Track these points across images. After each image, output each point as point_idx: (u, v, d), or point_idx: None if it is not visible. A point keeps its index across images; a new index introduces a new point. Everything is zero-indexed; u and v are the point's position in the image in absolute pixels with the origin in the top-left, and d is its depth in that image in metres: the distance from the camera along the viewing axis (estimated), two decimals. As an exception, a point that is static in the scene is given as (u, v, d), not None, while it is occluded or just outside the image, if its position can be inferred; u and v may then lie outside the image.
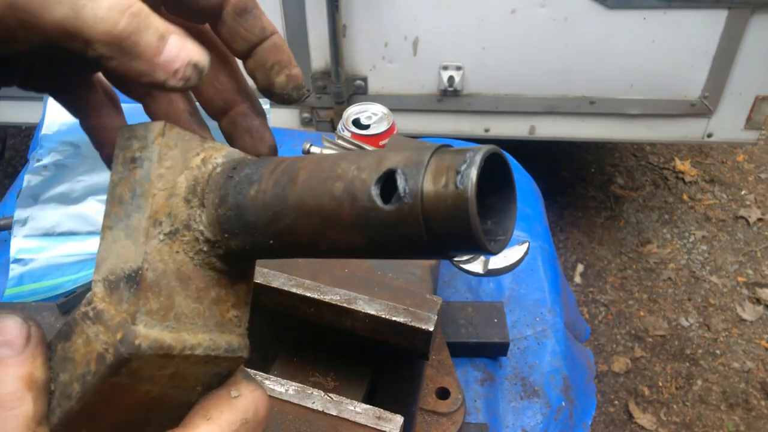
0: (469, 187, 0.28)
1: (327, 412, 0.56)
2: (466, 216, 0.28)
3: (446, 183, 0.29)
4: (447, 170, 0.29)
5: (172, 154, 0.35)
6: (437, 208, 0.29)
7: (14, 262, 1.07)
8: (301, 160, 0.34)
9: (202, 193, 0.35)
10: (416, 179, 0.30)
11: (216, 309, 0.36)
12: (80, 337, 0.33)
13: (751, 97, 2.01)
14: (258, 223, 0.34)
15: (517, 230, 1.09)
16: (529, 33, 1.91)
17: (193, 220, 0.35)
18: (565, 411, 0.88)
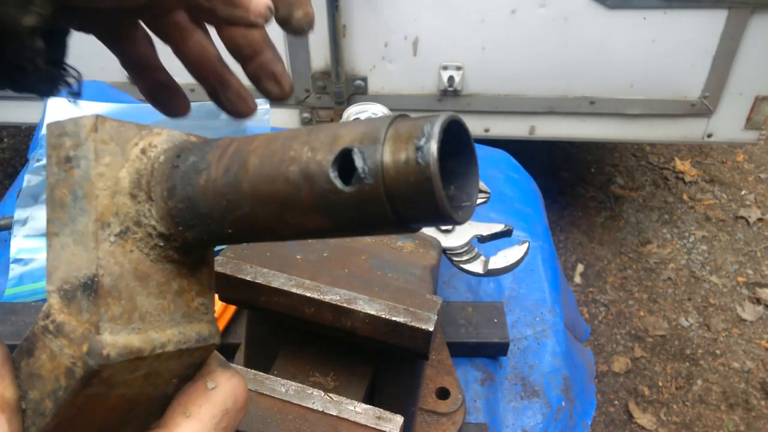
0: (431, 162, 0.27)
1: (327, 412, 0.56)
2: (431, 191, 0.27)
3: (407, 159, 0.28)
4: (406, 144, 0.28)
5: (110, 149, 0.33)
6: (400, 185, 0.28)
7: (14, 262, 1.07)
8: (248, 142, 0.33)
9: (147, 186, 0.34)
10: (375, 158, 0.28)
11: (180, 300, 0.35)
12: (44, 353, 0.31)
13: (751, 97, 2.01)
14: (213, 213, 0.33)
15: (516, 230, 1.09)
16: (529, 33, 1.91)
17: (143, 215, 0.33)
18: (565, 411, 0.88)
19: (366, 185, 0.28)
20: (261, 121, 1.29)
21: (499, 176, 1.23)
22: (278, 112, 2.12)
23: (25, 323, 0.91)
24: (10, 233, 1.10)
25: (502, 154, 1.31)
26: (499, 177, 1.23)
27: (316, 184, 0.30)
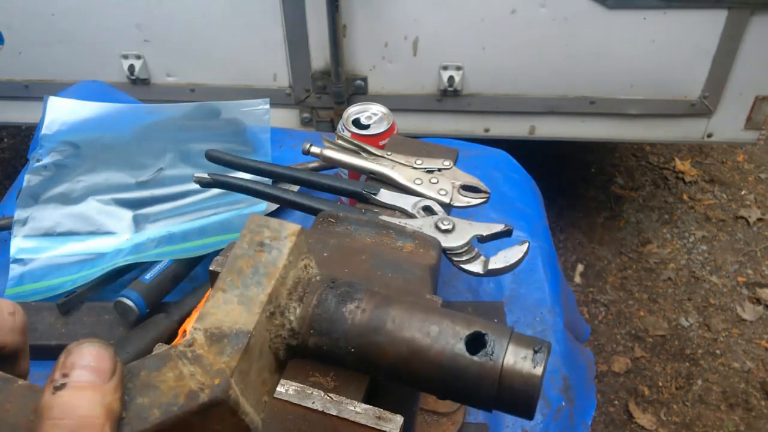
0: (541, 369, 0.37)
1: (327, 412, 0.56)
2: (533, 391, 0.37)
3: (525, 356, 0.38)
4: (526, 348, 0.38)
5: (294, 253, 0.43)
6: (512, 373, 0.37)
7: (14, 262, 1.07)
8: (391, 304, 0.44)
9: (302, 291, 0.44)
10: (502, 344, 0.38)
11: (261, 389, 0.41)
12: (172, 371, 0.36)
13: (751, 97, 2.01)
14: (349, 332, 0.42)
15: (517, 230, 1.09)
16: (529, 33, 1.91)
17: (288, 310, 0.42)
18: (565, 411, 0.88)
19: (489, 361, 0.38)
20: (261, 121, 1.29)
21: (499, 176, 1.23)
22: (278, 112, 2.12)
23: (25, 323, 0.91)
24: (10, 233, 1.10)
25: (502, 154, 1.31)
26: (499, 177, 1.23)
27: (448, 345, 0.39)
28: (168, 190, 1.18)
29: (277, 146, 1.30)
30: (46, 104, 1.30)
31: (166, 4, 1.93)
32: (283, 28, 1.94)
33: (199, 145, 1.24)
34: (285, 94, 2.09)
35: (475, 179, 0.87)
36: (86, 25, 2.00)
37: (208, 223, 1.11)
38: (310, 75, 2.04)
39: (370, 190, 0.84)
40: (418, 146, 0.94)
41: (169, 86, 2.10)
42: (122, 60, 2.05)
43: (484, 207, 1.09)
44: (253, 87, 2.08)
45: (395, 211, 0.82)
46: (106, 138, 1.25)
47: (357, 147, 0.91)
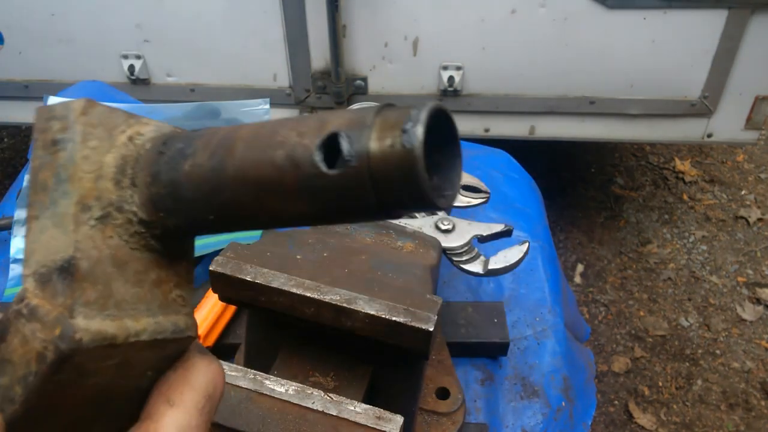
0: (416, 146, 0.27)
1: (327, 412, 0.56)
2: (415, 175, 0.28)
3: (392, 143, 0.28)
4: (392, 129, 0.28)
5: (97, 133, 0.33)
6: (384, 169, 0.28)
7: (14, 262, 1.07)
8: (236, 130, 0.33)
9: (132, 172, 0.34)
10: (361, 141, 0.28)
11: (158, 291, 0.34)
12: (16, 337, 0.31)
13: (751, 97, 2.01)
14: (195, 199, 0.33)
15: (517, 230, 1.09)
16: (529, 33, 1.91)
17: (125, 201, 0.33)
18: (565, 411, 0.88)
19: (350, 168, 0.29)
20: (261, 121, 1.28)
21: (499, 176, 1.23)
22: (278, 112, 2.12)
23: (25, 323, 0.91)
24: (10, 233, 1.10)
25: (502, 154, 1.31)
26: (499, 177, 1.23)
27: (302, 167, 0.30)
28: (168, 190, 1.18)
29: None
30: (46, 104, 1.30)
31: (166, 4, 1.93)
32: (283, 28, 1.94)
33: (199, 145, 1.23)
34: (285, 94, 2.09)
35: (475, 179, 0.87)
36: (86, 25, 2.00)
37: (208, 223, 1.11)
38: (310, 75, 2.04)
39: (370, 190, 0.84)
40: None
41: (169, 86, 2.10)
42: (122, 60, 2.05)
43: (484, 207, 1.09)
44: (253, 87, 2.08)
45: (395, 211, 0.82)
46: (106, 138, 1.25)
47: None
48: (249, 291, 0.63)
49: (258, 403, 0.57)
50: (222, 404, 0.54)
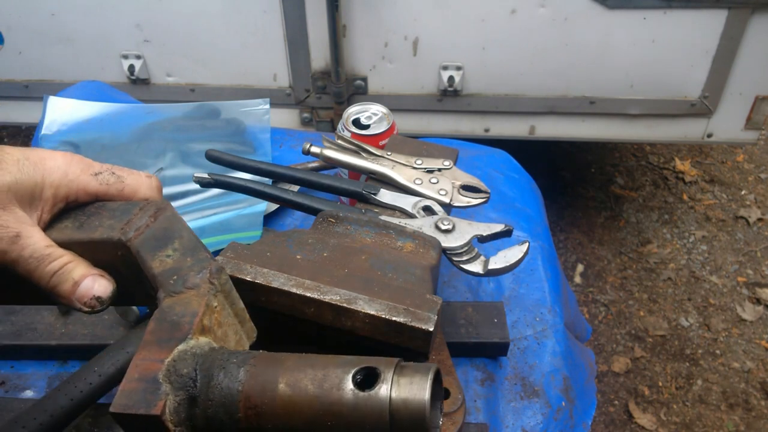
0: (426, 399, 0.37)
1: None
2: (423, 417, 0.37)
3: (411, 384, 0.38)
4: (411, 377, 0.38)
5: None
6: (399, 404, 0.37)
7: (14, 262, 1.07)
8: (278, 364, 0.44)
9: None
10: (387, 377, 0.38)
11: None
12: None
13: (751, 97, 2.01)
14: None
15: (517, 230, 1.09)
16: (529, 33, 1.91)
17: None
18: (565, 411, 0.88)
19: (378, 394, 0.38)
20: (261, 121, 1.29)
21: (499, 176, 1.23)
22: (278, 112, 2.12)
23: (25, 323, 0.91)
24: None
25: (502, 154, 1.31)
26: (499, 177, 1.23)
27: (335, 390, 0.39)
28: (168, 190, 1.18)
29: (277, 146, 1.30)
30: (46, 104, 1.30)
31: (166, 4, 1.93)
32: (283, 28, 1.94)
33: (199, 145, 1.24)
34: (285, 94, 2.09)
35: (475, 179, 0.87)
36: (86, 25, 2.00)
37: (208, 223, 1.11)
38: (310, 75, 2.04)
39: (370, 190, 0.84)
40: (418, 146, 0.94)
41: (169, 86, 2.10)
42: (122, 60, 2.05)
43: (484, 207, 1.09)
44: (253, 87, 2.08)
45: (395, 211, 0.82)
46: (105, 138, 1.25)
47: (357, 147, 0.91)
48: (249, 291, 0.63)
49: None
50: None
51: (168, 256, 0.48)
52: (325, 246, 0.70)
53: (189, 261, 0.48)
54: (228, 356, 0.43)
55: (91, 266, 0.52)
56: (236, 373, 0.42)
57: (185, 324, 0.44)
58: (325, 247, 0.70)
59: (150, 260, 0.48)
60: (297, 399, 0.40)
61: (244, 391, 0.41)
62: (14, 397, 0.86)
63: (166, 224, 0.50)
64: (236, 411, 0.41)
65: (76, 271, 0.50)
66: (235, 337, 0.49)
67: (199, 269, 0.47)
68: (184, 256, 0.48)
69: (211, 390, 0.42)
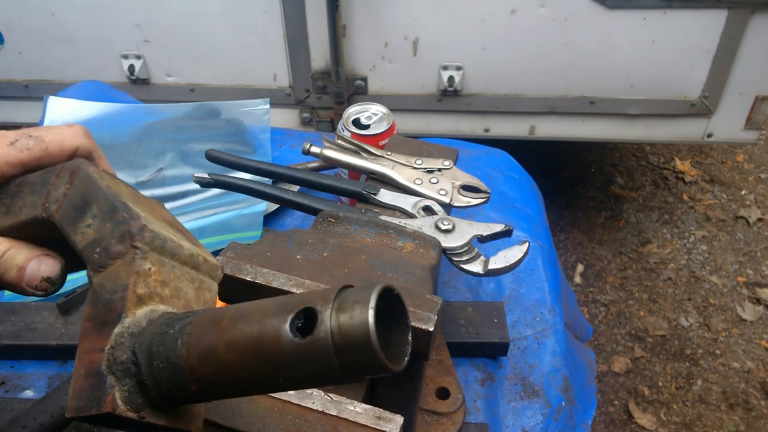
0: (371, 327, 0.34)
1: (327, 412, 0.56)
2: (371, 346, 0.34)
3: (351, 319, 0.35)
4: (351, 309, 0.35)
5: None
6: (345, 340, 0.35)
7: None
8: (223, 310, 0.40)
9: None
10: (326, 315, 0.35)
11: None
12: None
13: (751, 97, 2.01)
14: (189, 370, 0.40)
15: (517, 230, 1.09)
16: (529, 33, 1.91)
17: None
18: (565, 411, 0.88)
19: (318, 338, 0.35)
20: (261, 121, 1.29)
21: (499, 176, 1.23)
22: (278, 112, 2.12)
23: (25, 323, 0.91)
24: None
25: (502, 154, 1.31)
26: (499, 177, 1.23)
27: (274, 339, 0.36)
28: (168, 190, 1.18)
29: (277, 146, 1.30)
30: (46, 104, 1.30)
31: (166, 4, 1.93)
32: (283, 28, 1.94)
33: (199, 145, 1.24)
34: (285, 94, 2.09)
35: (475, 179, 0.87)
36: (86, 25, 2.00)
37: (208, 223, 1.11)
38: (310, 75, 2.04)
39: (370, 190, 0.84)
40: (418, 146, 0.94)
41: (169, 86, 2.10)
42: (122, 60, 2.05)
43: (484, 207, 1.09)
44: (253, 87, 2.08)
45: (395, 211, 0.82)
46: (106, 138, 1.25)
47: (357, 147, 0.91)
48: (249, 291, 0.63)
49: (258, 403, 0.57)
50: (221, 404, 0.54)
51: (88, 225, 0.43)
52: (325, 246, 0.70)
53: (108, 227, 0.42)
54: (165, 326, 0.40)
55: (35, 247, 0.49)
56: (174, 345, 0.39)
57: (117, 301, 0.40)
58: (325, 247, 0.70)
59: (73, 234, 0.44)
60: (240, 363, 0.37)
61: (186, 365, 0.38)
62: (14, 397, 0.86)
63: (82, 188, 0.45)
64: (188, 385, 0.39)
65: (18, 256, 0.48)
66: (194, 285, 0.45)
67: (120, 235, 0.42)
68: (103, 222, 0.43)
69: (156, 371, 0.39)
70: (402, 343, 0.39)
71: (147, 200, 0.50)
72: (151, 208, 0.49)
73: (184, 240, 0.47)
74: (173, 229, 0.48)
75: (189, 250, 0.45)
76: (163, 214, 0.51)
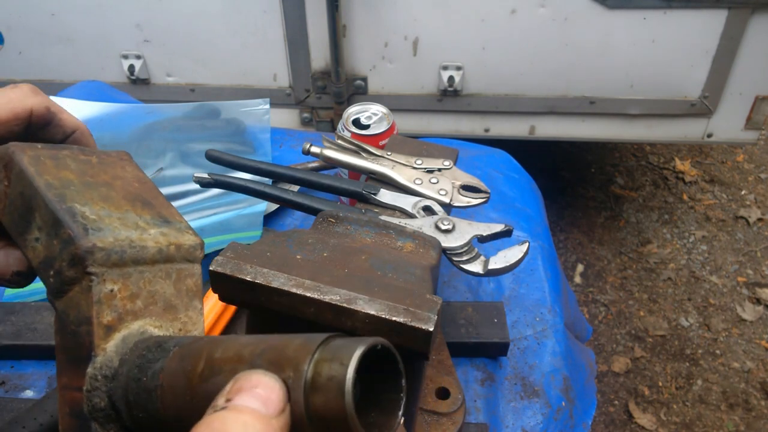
0: (347, 397, 0.28)
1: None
2: (346, 422, 0.28)
3: (326, 401, 0.29)
4: (326, 387, 0.29)
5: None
6: (321, 415, 0.29)
7: (14, 262, 1.07)
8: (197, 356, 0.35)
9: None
10: (297, 394, 0.30)
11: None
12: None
13: (751, 97, 2.01)
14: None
15: (517, 230, 1.09)
16: (529, 33, 1.91)
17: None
18: (565, 411, 0.88)
19: (294, 416, 0.30)
20: (261, 121, 1.29)
21: (499, 176, 1.23)
22: (278, 112, 2.12)
23: (25, 323, 0.91)
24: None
25: (502, 154, 1.31)
26: (499, 177, 1.23)
27: None
28: (168, 190, 1.18)
29: (277, 146, 1.30)
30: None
31: (166, 4, 1.93)
32: (283, 28, 1.94)
33: (199, 145, 1.24)
34: (285, 94, 2.09)
35: (475, 179, 0.87)
36: (86, 25, 2.00)
37: (207, 223, 1.11)
38: (310, 75, 2.04)
39: (370, 190, 0.84)
40: (418, 146, 0.94)
41: (169, 86, 2.10)
42: (122, 60, 2.05)
43: (484, 207, 1.09)
44: (253, 87, 2.08)
45: (395, 211, 0.82)
46: (105, 138, 1.25)
47: (357, 147, 0.91)
48: (249, 291, 0.63)
49: (258, 403, 0.57)
50: None
51: (36, 239, 0.39)
52: (325, 246, 0.70)
53: (56, 245, 0.38)
54: (138, 372, 0.36)
55: (0, 239, 0.45)
56: (150, 398, 0.35)
57: (84, 336, 0.37)
58: (325, 247, 0.70)
59: (23, 248, 0.40)
60: None
61: (165, 417, 0.35)
62: (14, 397, 0.86)
63: (19, 187, 0.40)
64: (163, 423, 0.36)
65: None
66: (170, 279, 0.41)
67: (69, 258, 0.37)
68: (50, 238, 0.38)
69: (137, 419, 0.36)
70: (391, 411, 0.33)
71: (103, 171, 0.44)
72: (109, 184, 0.43)
73: (151, 226, 0.42)
74: (136, 209, 0.42)
75: (155, 248, 0.40)
76: (126, 181, 0.45)
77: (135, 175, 0.46)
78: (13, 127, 0.46)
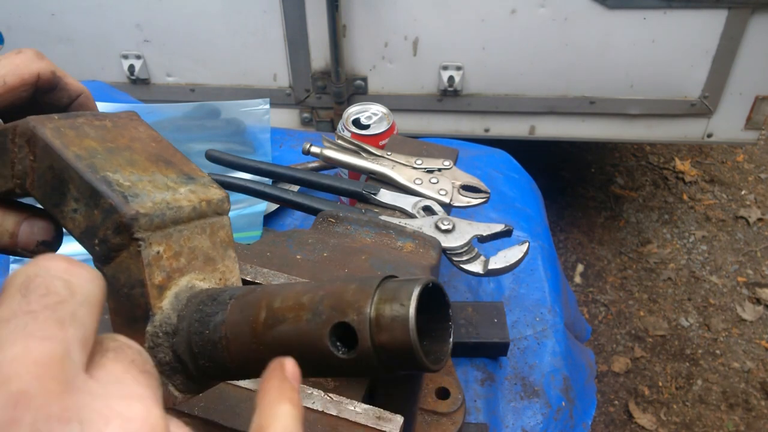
0: (411, 329, 0.33)
1: (327, 412, 0.56)
2: (411, 351, 0.34)
3: (392, 324, 0.34)
4: (391, 307, 0.34)
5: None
6: (387, 347, 0.34)
7: (14, 262, 1.07)
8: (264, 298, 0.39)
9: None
10: (364, 334, 0.34)
11: None
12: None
13: (751, 97, 2.01)
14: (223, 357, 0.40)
15: (517, 230, 1.09)
16: (529, 33, 1.91)
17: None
18: (565, 411, 0.88)
19: (362, 355, 0.35)
20: (261, 121, 1.29)
21: (499, 176, 1.23)
22: (278, 112, 2.12)
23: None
24: (10, 233, 1.10)
25: (502, 154, 1.31)
26: (499, 177, 1.23)
27: (317, 351, 0.36)
28: (168, 190, 1.18)
29: (277, 146, 1.30)
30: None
31: (166, 4, 1.93)
32: (283, 28, 1.94)
33: (199, 145, 1.24)
34: (285, 94, 2.09)
35: (475, 179, 0.87)
36: (86, 25, 2.00)
37: (208, 223, 1.11)
38: (310, 75, 2.04)
39: (370, 190, 0.84)
40: (418, 146, 0.94)
41: (169, 86, 2.10)
42: (122, 60, 2.05)
43: (484, 207, 1.09)
44: (253, 87, 2.08)
45: (395, 211, 0.82)
46: (106, 138, 1.25)
47: (357, 147, 0.91)
48: (249, 291, 0.63)
49: (258, 403, 0.57)
50: (222, 404, 0.54)
51: (74, 210, 0.39)
52: (325, 246, 0.70)
53: (97, 215, 0.38)
54: (199, 325, 0.39)
55: (23, 209, 0.44)
56: (216, 348, 0.38)
57: (139, 297, 0.38)
58: (325, 247, 0.70)
59: (62, 219, 0.40)
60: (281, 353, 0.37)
61: (232, 366, 0.39)
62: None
63: (48, 161, 0.40)
64: (229, 370, 0.39)
65: (7, 221, 0.44)
66: (206, 233, 0.43)
67: (114, 227, 0.38)
68: (89, 208, 0.39)
69: (203, 368, 0.39)
70: (442, 339, 0.38)
71: (119, 135, 0.45)
72: (129, 147, 0.44)
73: (179, 185, 0.43)
74: (161, 170, 0.43)
75: (189, 206, 0.42)
76: (143, 142, 0.45)
77: (149, 134, 0.47)
78: (21, 93, 0.46)
